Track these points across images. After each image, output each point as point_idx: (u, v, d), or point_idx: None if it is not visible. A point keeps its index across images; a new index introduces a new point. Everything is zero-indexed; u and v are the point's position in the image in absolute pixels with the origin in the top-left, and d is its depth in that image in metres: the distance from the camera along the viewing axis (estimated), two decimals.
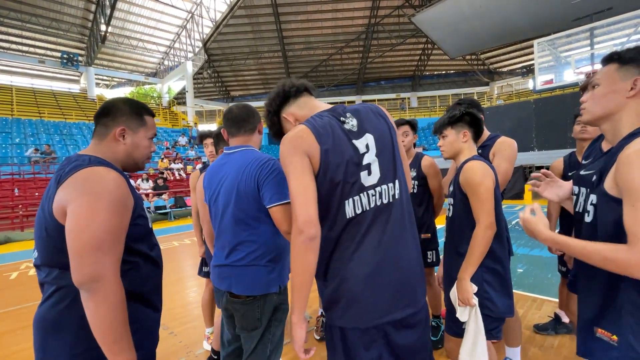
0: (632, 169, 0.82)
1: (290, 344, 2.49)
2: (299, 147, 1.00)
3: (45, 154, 12.37)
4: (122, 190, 0.97)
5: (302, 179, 0.99)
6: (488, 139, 1.96)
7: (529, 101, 13.03)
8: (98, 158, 1.03)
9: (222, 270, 1.44)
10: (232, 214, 1.40)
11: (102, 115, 1.09)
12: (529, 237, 1.19)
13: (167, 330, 2.85)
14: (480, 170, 1.41)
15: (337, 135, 1.04)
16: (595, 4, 11.38)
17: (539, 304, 3.05)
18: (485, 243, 1.37)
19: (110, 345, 0.89)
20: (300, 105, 1.17)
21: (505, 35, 15.92)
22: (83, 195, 0.91)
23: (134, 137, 1.12)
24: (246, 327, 1.41)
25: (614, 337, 0.91)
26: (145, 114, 1.15)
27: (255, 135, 1.53)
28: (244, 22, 21.84)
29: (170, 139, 18.18)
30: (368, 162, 1.05)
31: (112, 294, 0.89)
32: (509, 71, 25.69)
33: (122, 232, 0.96)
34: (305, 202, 0.97)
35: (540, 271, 3.99)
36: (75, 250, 0.88)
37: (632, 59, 0.91)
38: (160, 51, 25.26)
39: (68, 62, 20.19)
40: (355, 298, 1.02)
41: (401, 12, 19.80)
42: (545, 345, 2.34)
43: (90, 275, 0.87)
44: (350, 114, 1.09)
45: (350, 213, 1.02)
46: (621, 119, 0.93)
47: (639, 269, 0.79)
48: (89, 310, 0.88)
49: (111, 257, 0.91)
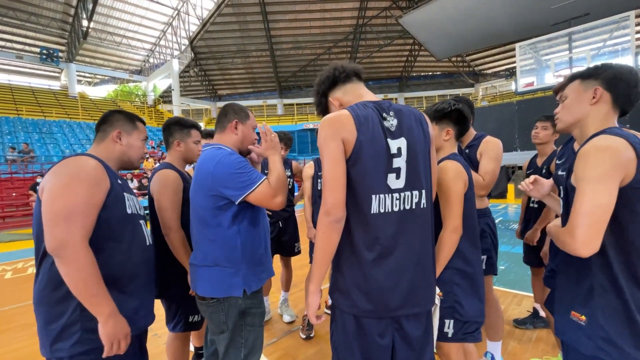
0: (584, 160, 0.96)
1: (276, 344, 2.52)
2: (336, 131, 1.04)
3: (24, 152, 11.93)
4: (96, 172, 1.13)
5: (335, 165, 1.04)
6: (474, 139, 2.00)
7: (511, 102, 13.36)
8: (88, 153, 1.20)
9: (191, 270, 1.46)
10: (196, 213, 1.40)
11: (101, 123, 1.32)
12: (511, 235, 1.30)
13: (151, 332, 2.81)
14: (453, 173, 1.39)
15: (376, 129, 1.05)
16: (573, 9, 11.79)
17: (519, 300, 3.16)
18: (450, 246, 1.37)
19: (88, 299, 1.04)
20: (348, 90, 1.19)
21: (489, 38, 16.30)
22: (58, 174, 1.08)
23: (129, 139, 1.34)
24: (213, 330, 1.41)
25: (582, 317, 1.02)
26: (137, 120, 1.38)
27: (228, 134, 1.48)
28: (232, 20, 21.61)
29: (156, 138, 17.81)
30: (398, 165, 1.06)
31: (79, 256, 1.02)
32: (493, 73, 26.31)
33: (91, 208, 1.09)
34: (335, 187, 1.03)
35: (520, 268, 4.12)
36: (46, 220, 1.03)
37: (590, 74, 1.08)
38: (145, 48, 24.71)
39: (47, 58, 19.51)
40: (375, 290, 1.06)
41: (389, 13, 19.99)
42: (524, 339, 2.43)
43: (59, 241, 1.00)
44: (394, 113, 1.10)
45: (375, 209, 1.05)
46: (587, 124, 1.08)
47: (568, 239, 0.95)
48: (62, 273, 1.02)
49: (78, 227, 1.04)
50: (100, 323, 1.05)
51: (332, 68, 1.20)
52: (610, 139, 0.95)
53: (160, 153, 15.04)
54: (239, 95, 28.99)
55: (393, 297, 1.06)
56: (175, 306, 1.78)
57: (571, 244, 0.94)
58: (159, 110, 23.18)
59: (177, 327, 1.79)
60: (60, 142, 14.47)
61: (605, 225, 0.92)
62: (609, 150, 0.93)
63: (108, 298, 1.07)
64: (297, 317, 2.93)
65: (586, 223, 0.91)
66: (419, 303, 1.10)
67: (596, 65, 1.09)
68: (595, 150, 0.94)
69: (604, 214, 0.91)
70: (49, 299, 1.08)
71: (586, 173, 0.94)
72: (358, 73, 1.21)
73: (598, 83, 1.05)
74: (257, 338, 1.45)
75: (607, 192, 0.91)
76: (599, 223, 0.92)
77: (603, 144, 0.95)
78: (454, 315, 1.41)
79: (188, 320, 1.80)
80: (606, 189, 0.91)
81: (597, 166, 0.92)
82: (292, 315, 2.90)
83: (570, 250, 0.95)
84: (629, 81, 1.02)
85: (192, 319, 1.80)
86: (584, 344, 1.00)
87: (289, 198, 2.83)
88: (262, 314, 1.48)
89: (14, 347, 2.70)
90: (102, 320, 1.05)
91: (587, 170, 0.94)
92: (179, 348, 1.86)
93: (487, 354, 2.06)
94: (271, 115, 25.85)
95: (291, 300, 3.20)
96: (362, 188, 1.05)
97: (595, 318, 0.98)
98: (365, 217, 1.05)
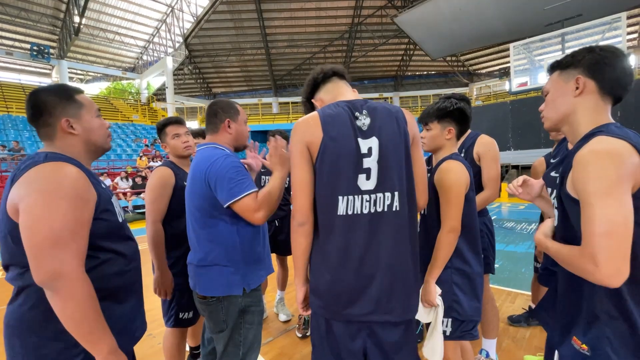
0: (584, 170, 0.82)
1: (272, 342, 2.51)
2: (301, 136, 1.05)
3: (14, 151, 11.73)
4: (80, 183, 0.94)
5: (299, 169, 1.05)
6: (468, 138, 2.00)
7: (505, 102, 13.49)
8: (55, 153, 0.99)
9: (189, 269, 1.45)
10: (192, 213, 1.39)
11: (37, 116, 1.01)
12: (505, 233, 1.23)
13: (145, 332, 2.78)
14: (456, 173, 1.37)
15: (345, 129, 1.04)
16: (566, 10, 11.93)
17: (513, 297, 3.19)
18: (448, 246, 1.36)
19: (85, 337, 0.90)
20: (328, 90, 1.20)
21: (483, 38, 16.42)
22: (35, 192, 0.87)
23: (82, 123, 1.05)
24: (212, 328, 1.40)
25: (584, 347, 0.90)
26: (74, 94, 1.06)
27: (221, 134, 1.47)
28: (226, 17, 21.43)
29: (150, 136, 17.63)
30: (368, 166, 1.03)
31: (77, 289, 0.87)
32: (487, 73, 26.50)
33: (82, 227, 0.92)
34: (298, 192, 1.06)
35: (514, 266, 4.16)
36: (31, 249, 0.86)
37: (569, 62, 0.96)
38: (138, 45, 24.42)
39: (38, 54, 19.15)
40: (340, 294, 1.04)
41: (384, 12, 20.00)
42: (518, 337, 2.45)
43: (51, 273, 0.85)
44: (367, 112, 1.07)
45: (342, 210, 1.02)
46: (577, 119, 0.95)
47: (588, 268, 0.78)
48: (57, 309, 0.87)
49: (71, 253, 0.88)
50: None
51: (312, 73, 1.23)
52: (610, 142, 0.82)
53: (153, 151, 14.90)
54: (234, 93, 28.81)
55: (360, 302, 1.03)
56: (169, 300, 1.83)
57: (595, 274, 0.77)
58: (152, 108, 22.94)
59: (169, 321, 1.84)
60: None
61: (629, 244, 0.77)
62: (610, 156, 0.79)
63: (108, 334, 0.93)
64: (293, 316, 2.93)
65: (607, 246, 0.75)
66: (392, 311, 1.04)
67: (575, 51, 0.96)
68: (595, 156, 0.81)
69: (626, 231, 0.76)
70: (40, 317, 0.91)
71: (590, 186, 0.79)
72: (337, 72, 1.20)
73: (579, 71, 0.93)
74: (256, 336, 1.45)
75: (621, 205, 0.77)
76: (622, 243, 0.76)
77: (603, 148, 0.81)
78: (452, 314, 1.42)
79: (178, 316, 1.82)
80: (618, 201, 0.77)
81: (601, 177, 0.78)
82: (288, 314, 2.89)
83: (595, 281, 0.78)
84: (613, 64, 0.89)
85: (183, 315, 1.83)
86: None
87: (285, 197, 2.82)
88: (260, 312, 1.48)
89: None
90: (100, 359, 0.92)
91: (591, 183, 0.79)
92: (174, 344, 1.89)
93: (482, 351, 2.08)
94: (266, 113, 25.73)
95: (287, 299, 3.19)
96: (328, 189, 1.03)
97: (600, 347, 0.86)
98: (332, 219, 1.03)
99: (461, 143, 2.02)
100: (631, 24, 17.28)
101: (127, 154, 14.53)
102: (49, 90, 1.03)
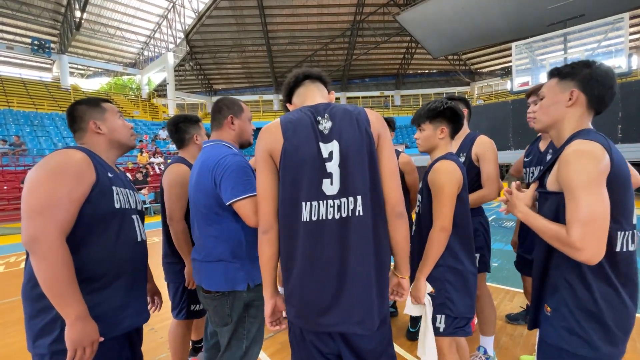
0: (569, 167, 0.95)
1: (273, 338, 2.54)
2: (264, 144, 1.07)
3: (15, 145, 11.74)
4: (80, 165, 1.08)
5: (261, 176, 1.07)
6: (467, 138, 2.01)
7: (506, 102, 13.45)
8: (76, 145, 1.18)
9: (195, 265, 1.46)
10: (198, 210, 1.41)
11: (72, 122, 1.24)
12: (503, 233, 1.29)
13: (147, 326, 2.81)
14: (447, 174, 1.39)
15: (306, 134, 1.03)
16: (569, 10, 11.88)
17: (511, 296, 3.22)
18: (438, 245, 1.38)
19: (55, 298, 0.98)
20: (299, 94, 1.21)
21: (485, 37, 16.36)
22: (37, 169, 1.04)
23: (106, 123, 1.25)
24: (217, 322, 1.42)
25: (548, 309, 1.07)
26: (101, 102, 1.28)
27: (225, 131, 1.49)
28: (228, 14, 21.37)
29: (150, 132, 17.64)
30: (330, 170, 1.01)
31: (50, 253, 0.97)
32: (488, 72, 26.44)
33: (72, 202, 1.04)
34: (261, 199, 1.07)
35: (512, 265, 4.18)
36: (23, 213, 1.00)
37: (568, 73, 1.06)
38: (139, 41, 24.33)
39: (39, 49, 19.12)
40: (307, 304, 1.03)
41: (386, 10, 19.94)
42: (516, 335, 2.48)
43: (31, 236, 0.97)
44: (329, 115, 1.06)
45: (306, 217, 1.00)
46: (563, 126, 1.07)
47: (574, 250, 0.91)
48: (34, 269, 0.98)
49: (53, 222, 0.99)
50: (67, 326, 0.99)
51: (287, 77, 1.24)
52: (588, 144, 0.96)
53: (154, 148, 14.90)
54: (235, 90, 28.76)
55: (330, 312, 1.00)
56: (181, 293, 1.88)
57: (580, 255, 0.92)
58: (153, 104, 22.91)
59: (180, 314, 1.89)
60: (52, 135, 14.27)
61: (607, 229, 0.92)
62: (591, 155, 0.93)
63: (78, 300, 1.00)
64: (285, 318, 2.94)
65: (591, 232, 0.90)
66: (362, 323, 1.00)
67: (574, 63, 1.07)
68: (577, 155, 0.94)
69: (605, 219, 0.91)
70: (31, 294, 1.04)
71: (575, 180, 0.93)
72: (309, 75, 1.20)
73: (574, 84, 1.04)
74: (259, 330, 1.48)
75: (600, 197, 0.91)
76: (602, 229, 0.91)
77: (584, 149, 0.95)
78: (444, 311, 1.45)
79: (190, 308, 1.89)
80: (598, 194, 0.91)
81: (583, 172, 0.92)
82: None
83: (579, 259, 0.93)
84: (604, 83, 1.01)
85: (194, 307, 1.90)
86: (549, 333, 1.06)
87: None
88: (262, 306, 1.49)
89: (5, 342, 2.68)
90: (68, 322, 0.99)
91: (575, 177, 0.93)
92: (181, 335, 1.93)
93: (479, 348, 2.10)
94: (267, 110, 25.72)
95: None
96: (291, 196, 1.02)
97: (559, 310, 1.03)
98: (296, 226, 1.01)
99: (460, 143, 2.03)
100: (634, 24, 17.23)
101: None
102: (80, 102, 1.26)
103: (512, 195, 1.14)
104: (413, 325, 2.50)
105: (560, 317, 1.03)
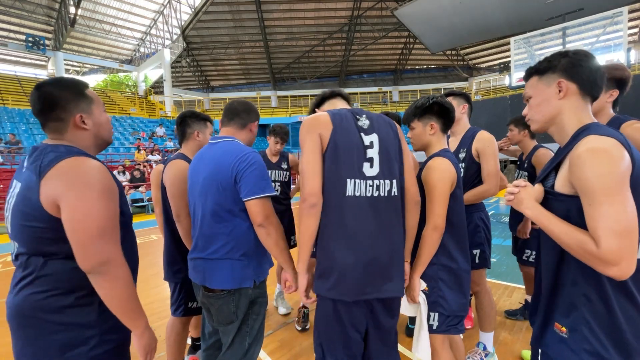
0: (584, 168, 0.84)
1: (272, 335, 2.53)
2: (314, 128, 1.21)
3: (11, 143, 11.64)
4: (108, 177, 1.02)
5: (312, 156, 1.19)
6: (467, 134, 1.99)
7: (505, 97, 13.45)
8: (73, 147, 1.03)
9: (197, 263, 1.43)
10: (208, 206, 1.38)
11: (48, 110, 1.01)
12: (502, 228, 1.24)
13: None
14: (440, 172, 1.38)
15: (350, 125, 1.24)
16: (567, 4, 11.85)
17: (510, 291, 3.22)
18: (431, 243, 1.38)
19: (129, 314, 1.01)
20: (331, 104, 1.45)
21: (483, 32, 16.32)
22: (75, 187, 0.94)
23: (92, 117, 1.09)
24: (222, 321, 1.41)
25: (563, 329, 0.95)
26: (84, 89, 1.09)
27: (245, 132, 1.54)
28: (225, 9, 21.16)
29: (147, 129, 17.53)
30: (371, 156, 1.22)
31: (121, 272, 0.99)
32: (487, 67, 26.38)
33: (116, 216, 1.03)
34: (310, 176, 1.18)
35: (511, 260, 4.18)
36: (79, 241, 0.94)
37: (547, 67, 1.00)
38: (135, 37, 24.11)
39: (33, 45, 18.90)
40: (345, 274, 1.16)
41: (384, 5, 19.82)
42: (515, 330, 2.48)
43: (99, 261, 0.95)
44: (366, 116, 1.29)
45: (350, 191, 1.18)
46: (563, 121, 0.98)
47: (606, 266, 0.80)
48: (105, 291, 0.97)
49: (114, 241, 0.99)
50: (137, 336, 1.05)
51: (321, 92, 1.51)
52: (604, 141, 0.85)
53: (152, 145, 14.82)
54: (232, 86, 28.60)
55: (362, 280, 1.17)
56: (179, 290, 1.89)
57: (608, 269, 0.81)
58: (150, 101, 22.75)
59: (177, 311, 1.89)
60: None
61: (637, 240, 0.80)
62: (609, 154, 0.83)
63: (143, 311, 1.06)
64: (293, 309, 2.95)
65: (625, 246, 0.79)
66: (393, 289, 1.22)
67: (548, 57, 1.01)
68: (593, 154, 0.83)
69: (636, 230, 0.80)
70: (54, 305, 0.97)
71: (594, 183, 0.82)
72: (340, 94, 1.48)
73: (559, 75, 0.97)
74: (261, 326, 1.49)
75: (628, 203, 0.81)
76: (635, 241, 0.80)
77: (600, 147, 0.84)
78: (437, 309, 1.46)
79: (187, 305, 1.90)
80: (626, 199, 0.81)
81: (603, 175, 0.81)
82: (287, 308, 2.92)
83: (606, 273, 0.82)
84: (589, 65, 0.94)
85: (192, 304, 1.91)
86: (566, 357, 0.94)
87: (285, 191, 2.83)
88: (266, 302, 1.51)
89: (5, 342, 2.64)
90: (138, 333, 1.05)
91: (593, 180, 0.82)
92: (178, 333, 1.94)
93: (479, 344, 2.10)
94: (265, 107, 25.60)
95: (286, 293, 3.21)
96: (337, 173, 1.18)
97: (579, 330, 0.91)
98: (340, 200, 1.17)
99: (461, 139, 2.01)
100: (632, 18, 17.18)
101: (125, 148, 14.46)
102: (62, 85, 1.03)
103: (521, 188, 1.00)
104: (412, 321, 2.50)
105: (581, 338, 0.91)
